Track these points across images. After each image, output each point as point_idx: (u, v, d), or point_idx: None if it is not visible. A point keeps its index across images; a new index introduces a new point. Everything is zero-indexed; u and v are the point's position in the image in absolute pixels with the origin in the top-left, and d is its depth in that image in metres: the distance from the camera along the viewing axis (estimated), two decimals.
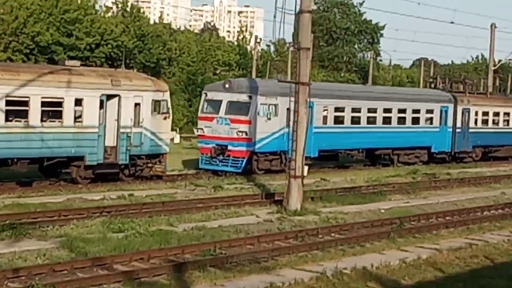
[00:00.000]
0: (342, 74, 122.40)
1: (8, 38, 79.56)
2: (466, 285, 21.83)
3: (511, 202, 37.03)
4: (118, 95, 34.13)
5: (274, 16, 29.69)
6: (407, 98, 51.60)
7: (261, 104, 40.71)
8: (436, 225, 29.59)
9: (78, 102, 32.58)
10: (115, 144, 34.27)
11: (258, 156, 41.23)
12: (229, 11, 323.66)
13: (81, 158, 33.19)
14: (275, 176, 41.68)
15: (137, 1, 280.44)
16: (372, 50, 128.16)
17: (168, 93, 36.78)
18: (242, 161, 40.24)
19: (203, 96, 43.06)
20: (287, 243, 24.92)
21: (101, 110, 33.61)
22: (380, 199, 36.25)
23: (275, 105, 41.33)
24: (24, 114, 31.11)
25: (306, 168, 31.08)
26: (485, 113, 57.11)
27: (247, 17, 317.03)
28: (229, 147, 40.28)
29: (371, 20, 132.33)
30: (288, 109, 41.02)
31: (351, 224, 28.52)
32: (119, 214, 27.66)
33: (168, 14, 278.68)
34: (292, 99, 41.30)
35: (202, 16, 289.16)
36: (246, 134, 40.10)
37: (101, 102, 33.51)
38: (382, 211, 32.87)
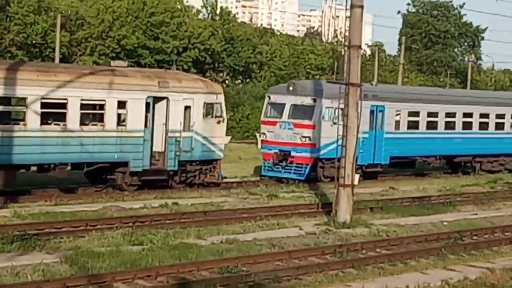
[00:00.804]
0: (442, 79, 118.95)
1: (94, 42, 79.51)
2: None
3: None
4: (167, 98, 32.44)
5: (322, 11, 27.57)
6: (490, 102, 48.45)
7: (326, 107, 38.59)
8: (498, 241, 26.78)
9: (122, 104, 31.03)
10: (163, 150, 32.65)
11: (324, 162, 39.10)
12: (337, 16, 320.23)
13: (125, 164, 31.59)
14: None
15: (245, 6, 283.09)
16: (473, 54, 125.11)
17: (222, 96, 34.83)
18: (306, 168, 38.18)
19: (266, 99, 41.18)
20: (322, 259, 22.68)
21: (148, 114, 31.70)
22: (448, 210, 33.72)
23: (342, 109, 38.97)
24: (61, 117, 29.60)
25: (357, 176, 28.71)
26: None
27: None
28: (292, 153, 38.33)
29: (471, 23, 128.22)
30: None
31: (402, 239, 26.07)
32: (151, 225, 25.83)
33: (275, 20, 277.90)
34: (362, 102, 39.67)
35: (309, 21, 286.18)
36: (310, 139, 38.03)
37: (147, 104, 31.71)
38: (445, 223, 30.31)
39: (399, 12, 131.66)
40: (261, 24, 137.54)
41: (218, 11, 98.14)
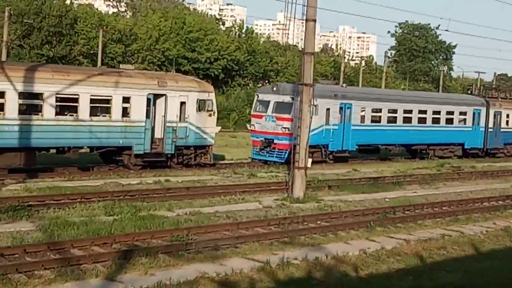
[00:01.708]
0: (421, 85, 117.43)
1: (144, 53, 78.71)
2: (417, 278, 17.06)
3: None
4: (165, 95, 30.56)
5: (284, 24, 25.57)
6: (441, 101, 46.09)
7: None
8: (423, 215, 24.48)
9: (126, 99, 29.28)
10: (162, 137, 30.93)
11: None
12: (350, 37, 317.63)
13: (130, 148, 29.81)
14: (315, 166, 37.20)
15: (278, 29, 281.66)
16: (446, 65, 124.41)
17: (213, 94, 33.09)
18: (286, 153, 36.10)
19: (256, 97, 39.26)
20: (266, 229, 20.50)
21: (148, 107, 29.96)
22: (394, 189, 31.38)
23: (315, 106, 36.62)
24: (74, 109, 27.80)
25: (309, 160, 26.58)
26: None
27: (363, 41, 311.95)
28: (275, 141, 36.44)
29: (445, 41, 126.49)
30: (328, 109, 36.92)
31: (341, 212, 23.88)
32: (134, 198, 23.82)
33: (301, 39, 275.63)
34: (330, 100, 37.54)
35: (328, 40, 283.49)
36: (289, 130, 35.97)
37: (148, 100, 29.89)
38: (387, 200, 28.01)
39: (388, 32, 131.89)
40: (287, 42, 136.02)
41: (244, 30, 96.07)
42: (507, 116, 50.37)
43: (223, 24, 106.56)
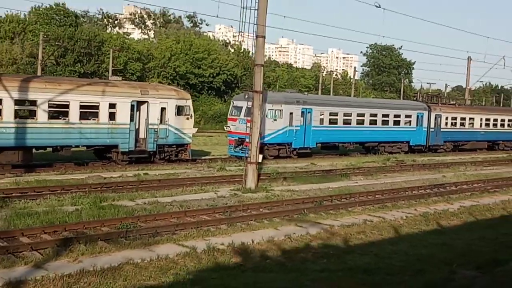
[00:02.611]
0: (387, 94, 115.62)
1: (159, 69, 77.08)
2: (330, 260, 15.17)
3: (440, 184, 29.11)
4: (147, 101, 28.63)
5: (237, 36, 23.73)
6: (389, 107, 44.13)
7: (269, 109, 34.59)
8: (355, 203, 22.48)
9: (112, 105, 27.42)
10: (145, 136, 29.01)
11: (268, 146, 34.99)
12: (337, 57, 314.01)
13: (116, 146, 27.86)
14: (280, 160, 35.29)
15: (280, 51, 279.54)
16: (407, 78, 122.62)
17: (190, 101, 31.23)
18: None
19: (231, 103, 37.22)
20: (211, 217, 18.59)
21: (132, 112, 28.14)
22: (340, 180, 29.24)
23: (280, 110, 35.03)
24: (65, 114, 25.94)
25: (260, 156, 24.65)
26: (454, 118, 49.03)
27: (347, 60, 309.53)
28: (246, 140, 34.06)
29: (406, 58, 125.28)
30: (291, 113, 34.95)
31: (283, 201, 21.81)
32: (112, 190, 21.98)
33: (299, 59, 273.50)
34: (293, 105, 35.54)
35: (320, 60, 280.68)
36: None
37: (132, 106, 28.04)
38: (330, 189, 25.91)
39: (361, 52, 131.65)
40: (287, 61, 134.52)
41: (241, 50, 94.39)
42: (446, 118, 48.25)
43: (226, 45, 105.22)
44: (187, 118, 30.43)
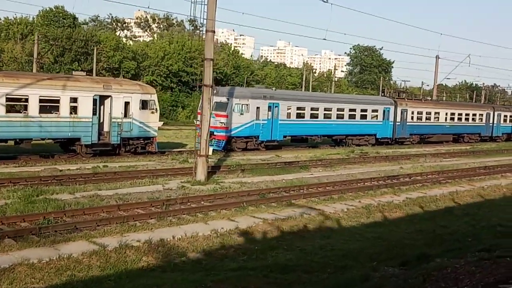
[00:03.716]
0: (368, 92, 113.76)
1: (153, 67, 75.02)
2: (250, 257, 13.28)
3: (394, 175, 27.13)
4: (110, 96, 26.58)
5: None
6: (356, 102, 42.16)
7: (235, 104, 32.72)
8: (300, 195, 20.49)
9: (74, 99, 25.40)
10: (108, 130, 26.93)
11: (235, 139, 33.11)
12: (329, 58, 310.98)
13: (78, 139, 25.73)
14: (247, 152, 33.34)
15: (278, 53, 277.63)
16: (387, 77, 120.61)
17: (155, 95, 29.21)
18: (223, 142, 32.49)
19: (201, 98, 35.03)
20: (146, 210, 16.64)
21: (95, 106, 26.19)
22: (299, 171, 27.27)
23: (247, 105, 33.09)
24: (24, 108, 23.89)
25: (211, 148, 22.70)
26: (420, 112, 47.08)
27: (339, 61, 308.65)
28: (215, 133, 32.48)
29: (386, 58, 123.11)
30: (258, 108, 32.97)
31: (227, 194, 19.88)
32: (60, 182, 20.04)
33: (295, 60, 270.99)
34: (260, 100, 33.60)
35: (314, 61, 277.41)
36: (225, 124, 32.05)
37: (95, 100, 25.98)
38: (284, 181, 23.95)
39: (345, 52, 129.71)
40: (282, 62, 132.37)
41: (231, 51, 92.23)
42: (412, 112, 46.25)
43: (222, 47, 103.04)
44: (152, 112, 28.47)
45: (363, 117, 41.56)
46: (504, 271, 10.69)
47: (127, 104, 27.32)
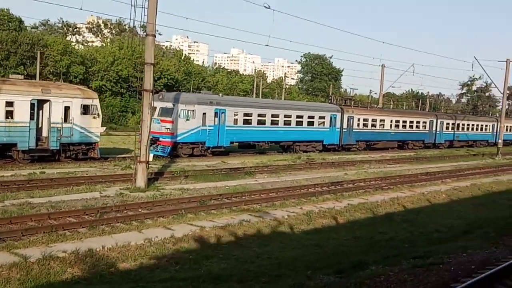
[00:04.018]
0: (318, 99, 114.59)
1: (102, 72, 73.33)
2: (183, 267, 12.67)
3: (338, 182, 27.00)
4: (49, 100, 25.46)
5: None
6: (304, 108, 42.11)
7: (181, 109, 32.03)
8: (240, 202, 20.05)
9: (9, 104, 24.13)
10: (47, 135, 25.75)
11: (181, 145, 32.42)
12: (282, 66, 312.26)
13: (15, 145, 24.47)
14: (193, 159, 32.66)
15: (232, 60, 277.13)
16: (336, 85, 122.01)
17: (97, 100, 28.16)
18: (168, 148, 31.73)
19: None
20: (77, 218, 15.84)
21: (32, 110, 24.94)
22: (244, 178, 26.82)
23: (193, 111, 32.45)
24: None
25: (151, 155, 21.96)
26: (366, 119, 47.37)
27: (292, 69, 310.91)
28: (160, 139, 31.79)
29: (335, 66, 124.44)
30: (204, 113, 32.38)
31: (166, 201, 19.20)
32: (3, 188, 18.93)
33: (248, 67, 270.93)
34: (206, 106, 33.04)
35: (268, 68, 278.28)
36: (170, 130, 31.34)
37: (32, 104, 24.80)
38: (227, 187, 23.40)
39: (296, 60, 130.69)
40: (235, 70, 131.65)
41: (183, 57, 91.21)
42: (358, 119, 46.57)
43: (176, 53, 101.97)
44: (94, 117, 27.49)
45: (310, 123, 41.54)
46: (434, 279, 10.51)
47: (67, 108, 26.29)
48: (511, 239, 15.41)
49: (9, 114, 24.11)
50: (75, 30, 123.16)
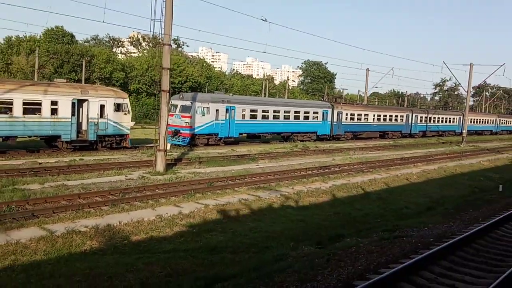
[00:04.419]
0: (316, 98, 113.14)
1: (139, 77, 72.75)
2: (188, 239, 12.12)
3: (326, 166, 26.25)
4: (87, 100, 24.95)
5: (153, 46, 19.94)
6: (300, 105, 41.27)
7: (198, 107, 31.36)
8: (242, 183, 19.35)
9: (54, 103, 23.67)
10: (86, 128, 25.24)
11: (198, 136, 31.73)
12: (288, 71, 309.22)
13: (59, 137, 24.11)
14: (208, 147, 32.06)
15: (247, 66, 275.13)
16: (330, 87, 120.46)
17: (127, 99, 27.67)
18: (187, 138, 31.18)
19: (170, 102, 33.47)
20: (104, 198, 15.30)
21: (74, 108, 24.58)
22: (248, 163, 26.16)
23: (208, 108, 31.79)
24: (9, 109, 22.18)
25: (168, 144, 21.37)
26: (352, 114, 46.39)
27: (296, 73, 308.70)
28: (181, 131, 31.13)
29: (330, 70, 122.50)
30: (217, 110, 31.73)
31: (180, 182, 18.60)
32: (39, 173, 18.46)
33: (260, 72, 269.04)
34: (219, 104, 32.38)
35: (276, 73, 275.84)
36: (189, 123, 30.66)
37: (73, 103, 24.38)
38: (233, 171, 22.74)
39: (298, 66, 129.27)
40: (249, 74, 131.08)
41: (204, 64, 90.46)
42: (346, 114, 45.61)
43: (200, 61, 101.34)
44: (125, 114, 26.97)
45: (306, 117, 40.71)
46: (397, 251, 9.86)
47: (102, 106, 25.79)
48: (467, 214, 14.66)
49: (54, 111, 23.64)
50: (119, 43, 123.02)
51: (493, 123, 76.84)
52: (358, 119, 47.27)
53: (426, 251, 9.14)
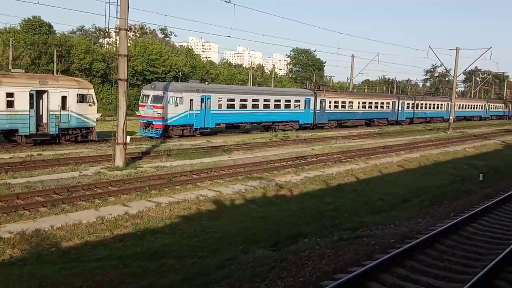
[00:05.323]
0: (305, 87, 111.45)
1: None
2: (124, 244, 10.87)
3: (303, 156, 25.02)
4: (47, 91, 23.45)
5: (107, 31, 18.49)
6: (281, 93, 39.95)
7: (170, 97, 29.96)
8: (206, 177, 18.04)
9: (10, 95, 22.12)
10: (46, 121, 23.74)
11: (172, 127, 30.35)
12: (280, 60, 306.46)
13: (17, 131, 22.57)
14: (182, 139, 30.69)
15: (238, 56, 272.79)
16: (319, 75, 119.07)
17: (92, 90, 26.20)
18: (160, 130, 29.77)
19: (142, 92, 32.42)
20: (45, 198, 13.92)
21: (32, 100, 23.01)
22: (221, 155, 24.81)
23: (181, 97, 30.42)
24: None
25: (128, 137, 19.97)
26: (336, 102, 45.18)
27: (288, 63, 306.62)
28: (153, 122, 29.77)
29: (319, 58, 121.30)
30: (191, 100, 30.35)
31: (137, 178, 17.27)
32: None
33: (252, 62, 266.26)
34: (193, 93, 31.01)
35: (267, 62, 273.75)
36: (161, 114, 29.31)
37: (31, 95, 22.85)
38: (202, 163, 21.42)
39: (286, 54, 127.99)
40: (240, 64, 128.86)
41: (188, 52, 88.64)
42: (330, 102, 44.33)
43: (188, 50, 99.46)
44: (90, 105, 25.53)
45: (287, 106, 39.40)
46: (350, 256, 8.64)
47: (64, 98, 24.33)
48: (440, 207, 13.51)
49: (10, 104, 22.16)
50: (105, 34, 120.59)
51: (482, 108, 75.99)
52: (342, 106, 46.04)
53: (381, 256, 7.94)
